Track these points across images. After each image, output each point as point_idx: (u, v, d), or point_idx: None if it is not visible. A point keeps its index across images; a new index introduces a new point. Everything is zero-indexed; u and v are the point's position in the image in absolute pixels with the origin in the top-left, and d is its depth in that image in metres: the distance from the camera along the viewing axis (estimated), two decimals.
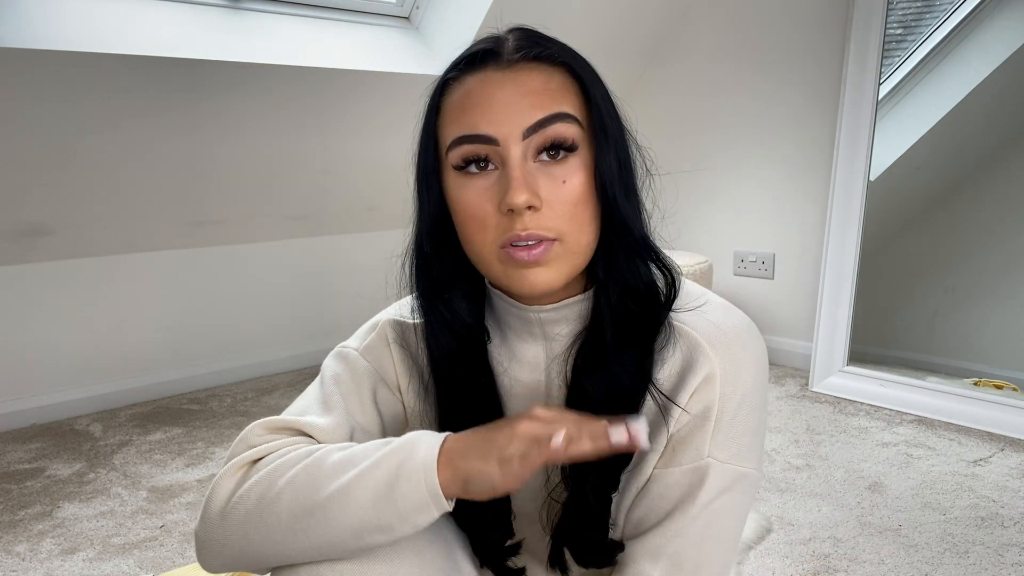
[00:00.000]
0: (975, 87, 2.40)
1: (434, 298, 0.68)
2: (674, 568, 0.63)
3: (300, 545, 0.59)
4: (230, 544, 0.60)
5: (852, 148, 2.30)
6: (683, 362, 0.64)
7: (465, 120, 0.60)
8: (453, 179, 0.62)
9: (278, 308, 2.63)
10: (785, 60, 2.49)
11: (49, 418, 2.18)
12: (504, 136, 0.59)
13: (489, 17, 2.17)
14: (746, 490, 0.65)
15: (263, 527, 0.59)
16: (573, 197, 0.60)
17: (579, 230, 0.61)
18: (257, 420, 0.67)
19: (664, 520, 0.63)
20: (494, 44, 0.63)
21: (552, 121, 0.59)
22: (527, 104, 0.59)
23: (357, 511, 0.57)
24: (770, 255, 2.62)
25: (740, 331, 0.65)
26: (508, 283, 0.62)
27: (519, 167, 0.59)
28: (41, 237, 2.05)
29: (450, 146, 0.61)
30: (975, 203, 2.49)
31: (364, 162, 2.45)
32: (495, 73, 0.61)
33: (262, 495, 0.59)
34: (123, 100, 1.85)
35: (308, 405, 0.69)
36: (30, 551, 1.45)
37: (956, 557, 1.37)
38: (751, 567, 1.35)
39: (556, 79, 0.61)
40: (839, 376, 2.30)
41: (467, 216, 0.62)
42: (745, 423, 0.64)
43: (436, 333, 0.68)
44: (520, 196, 0.58)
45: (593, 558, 0.66)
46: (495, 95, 0.60)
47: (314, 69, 2.05)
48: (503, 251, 0.61)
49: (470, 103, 0.61)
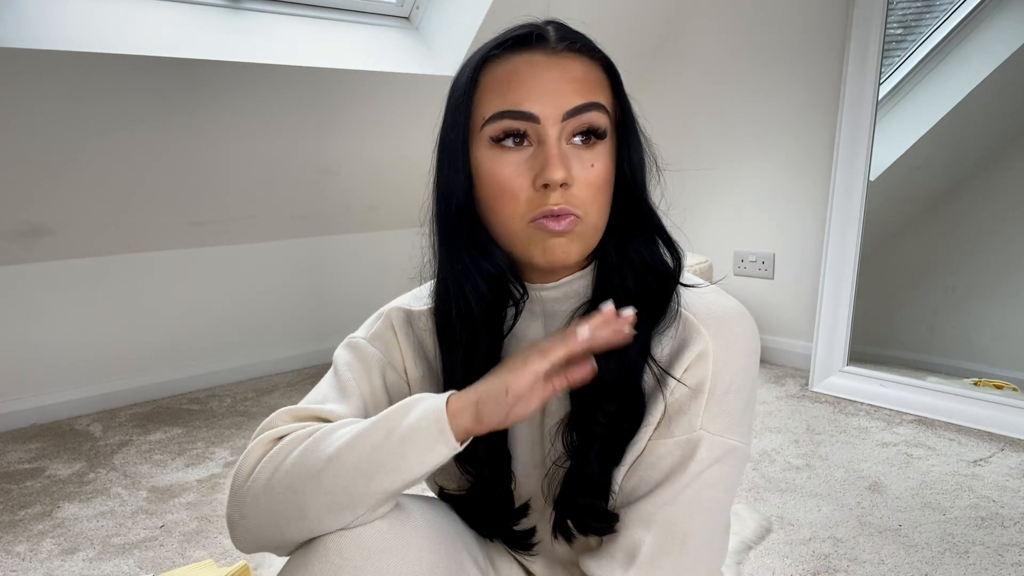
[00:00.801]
0: (975, 87, 2.40)
1: (477, 254, 0.69)
2: (665, 534, 0.65)
3: (319, 502, 0.60)
4: (257, 517, 0.63)
5: (852, 148, 2.30)
6: (678, 340, 0.68)
7: (509, 96, 0.64)
8: (486, 152, 0.65)
9: (278, 308, 2.63)
10: (785, 60, 2.49)
11: (49, 418, 2.18)
12: (546, 115, 0.63)
13: (489, 17, 2.17)
14: (735, 463, 0.68)
15: (284, 488, 0.61)
16: (598, 181, 0.65)
17: (598, 212, 0.66)
18: (281, 408, 0.70)
19: (656, 488, 0.66)
20: (538, 30, 0.66)
21: (590, 108, 0.64)
22: (569, 89, 0.64)
23: (367, 451, 0.60)
24: (770, 255, 2.62)
25: (732, 312, 0.69)
26: (531, 254, 0.66)
27: (556, 146, 0.63)
28: (41, 237, 2.05)
29: (489, 119, 0.65)
30: (975, 203, 2.49)
31: (364, 162, 2.45)
32: (543, 57, 0.65)
33: (281, 461, 0.62)
34: (123, 100, 1.85)
35: (326, 393, 0.72)
36: (30, 551, 1.45)
37: (956, 557, 1.37)
38: (751, 567, 1.35)
39: (594, 72, 0.66)
40: (839, 376, 2.30)
41: (500, 189, 0.65)
42: (736, 398, 0.67)
43: (478, 288, 0.69)
44: (558, 172, 0.62)
45: (594, 525, 0.68)
46: (542, 76, 0.64)
47: (314, 69, 2.05)
48: (532, 224, 0.64)
49: (516, 81, 0.64)
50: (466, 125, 0.67)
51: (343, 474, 0.60)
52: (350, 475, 0.60)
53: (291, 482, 0.61)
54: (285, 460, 0.62)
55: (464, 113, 0.67)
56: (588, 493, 0.67)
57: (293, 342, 2.68)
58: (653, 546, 0.66)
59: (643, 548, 0.66)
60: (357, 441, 0.60)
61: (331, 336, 2.75)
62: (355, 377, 0.73)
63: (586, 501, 0.67)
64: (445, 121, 0.69)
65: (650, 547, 0.66)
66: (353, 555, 0.61)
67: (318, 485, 0.60)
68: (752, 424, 0.70)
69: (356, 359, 0.75)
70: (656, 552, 0.66)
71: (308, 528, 0.62)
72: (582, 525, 0.68)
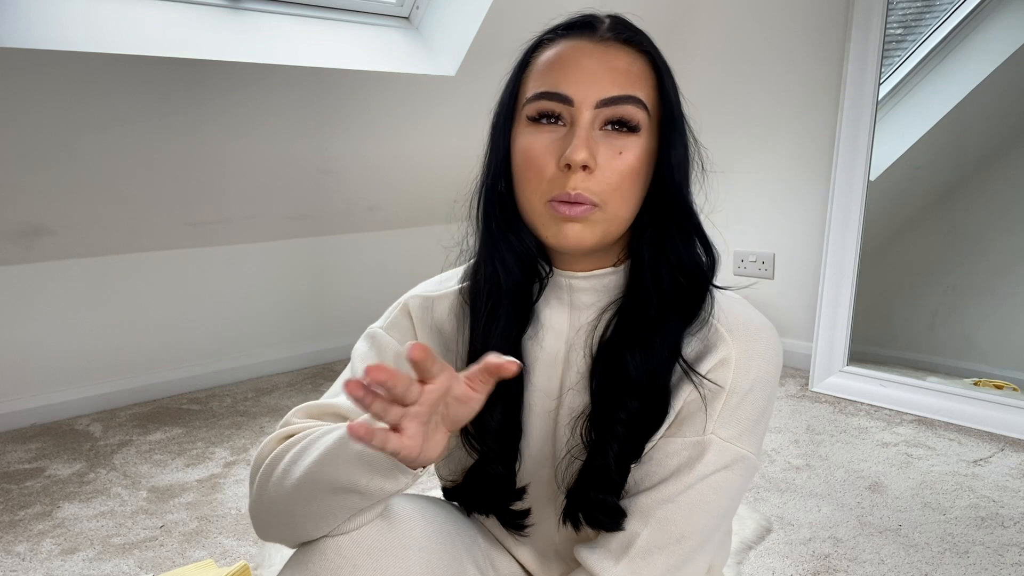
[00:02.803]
0: (975, 87, 2.40)
1: (505, 228, 0.71)
2: (661, 531, 0.66)
3: (302, 513, 0.62)
4: (265, 513, 0.65)
5: (852, 148, 2.30)
6: (702, 344, 0.68)
7: (550, 78, 0.66)
8: (523, 128, 0.67)
9: (278, 308, 2.63)
10: (785, 60, 2.49)
11: (49, 418, 2.18)
12: (580, 100, 0.64)
13: (489, 17, 2.17)
14: (742, 472, 0.68)
15: (275, 498, 0.64)
16: (624, 169, 0.65)
17: (621, 201, 0.66)
18: (298, 405, 0.72)
19: (658, 485, 0.67)
20: (592, 19, 0.69)
21: (625, 101, 0.65)
22: (608, 79, 0.64)
23: (327, 473, 0.60)
24: (770, 255, 2.62)
25: (758, 324, 0.70)
26: (545, 233, 0.67)
27: (585, 129, 0.64)
28: (41, 237, 2.05)
29: (530, 99, 0.66)
30: (975, 203, 2.49)
31: (364, 162, 2.45)
32: (587, 43, 0.66)
33: (273, 471, 0.64)
34: (123, 100, 1.85)
35: (340, 389, 0.73)
36: (30, 551, 1.45)
37: (956, 557, 1.37)
38: (751, 567, 1.35)
39: (638, 65, 0.67)
40: (839, 376, 2.30)
41: (528, 164, 0.66)
42: (751, 408, 0.67)
43: (506, 262, 0.71)
44: (580, 153, 0.63)
45: (604, 521, 0.68)
46: (583, 62, 0.65)
47: (314, 69, 2.05)
48: (548, 204, 0.65)
49: (559, 64, 0.66)
50: (512, 105, 0.69)
51: (315, 495, 0.61)
52: (319, 494, 0.61)
53: (278, 494, 0.63)
54: (275, 471, 0.64)
55: (511, 92, 0.70)
56: (603, 488, 0.67)
57: (293, 342, 2.68)
58: (648, 540, 0.66)
59: (637, 541, 0.66)
60: (320, 463, 0.61)
61: (331, 336, 2.75)
62: None
63: (600, 496, 0.67)
64: (503, 91, 0.71)
65: (645, 541, 0.66)
66: (352, 554, 0.62)
67: (295, 502, 0.62)
68: (763, 436, 0.71)
69: (371, 350, 0.76)
70: (650, 547, 0.66)
71: (300, 534, 0.64)
72: (592, 519, 0.68)
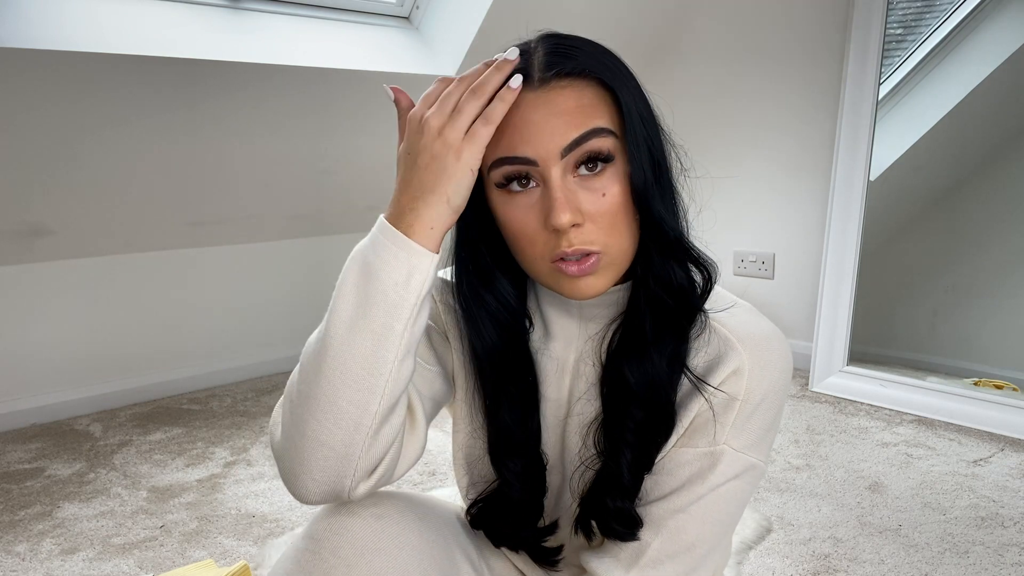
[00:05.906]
0: (975, 87, 2.40)
1: (479, 289, 0.69)
2: (672, 540, 0.66)
3: (334, 384, 0.59)
4: (292, 449, 0.60)
5: (852, 148, 2.30)
6: (714, 355, 0.68)
7: (504, 141, 0.62)
8: (497, 196, 0.64)
9: (278, 308, 2.63)
10: (785, 60, 2.49)
11: (49, 418, 2.18)
12: (543, 157, 0.61)
13: (489, 17, 2.17)
14: (751, 479, 0.68)
15: (300, 395, 0.60)
16: (613, 208, 0.62)
17: (620, 239, 0.63)
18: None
19: (670, 495, 0.67)
20: (524, 62, 0.62)
21: (588, 138, 0.61)
22: (562, 124, 0.60)
23: (351, 312, 0.58)
24: (770, 255, 2.62)
25: (769, 335, 0.70)
26: (560, 290, 0.65)
27: (560, 187, 0.61)
28: (41, 237, 2.05)
29: (492, 166, 0.63)
30: (975, 203, 2.49)
31: (364, 162, 2.45)
32: (528, 94, 0.61)
33: (289, 385, 0.62)
34: (123, 100, 1.85)
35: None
36: (30, 551, 1.45)
37: (956, 557, 1.37)
38: (751, 567, 1.35)
39: (588, 94, 0.62)
40: (839, 376, 2.30)
41: (516, 233, 0.64)
42: (763, 417, 0.68)
43: (480, 330, 0.70)
44: (563, 217, 0.60)
45: (619, 529, 0.68)
46: (530, 117, 0.61)
47: (314, 69, 2.05)
48: (553, 264, 0.63)
49: (507, 125, 0.61)
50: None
51: (343, 352, 0.58)
52: (347, 338, 0.58)
53: (302, 386, 0.60)
54: (291, 381, 0.62)
55: None
56: (617, 496, 0.68)
57: (293, 342, 2.68)
58: (659, 550, 0.66)
59: (648, 551, 0.66)
60: (335, 316, 0.59)
61: None
62: None
63: (615, 504, 0.68)
64: None
65: (656, 550, 0.66)
66: (346, 553, 0.61)
67: (321, 371, 0.59)
68: (772, 443, 0.72)
69: None
70: (661, 556, 0.66)
71: (328, 438, 0.59)
72: (607, 527, 0.68)
